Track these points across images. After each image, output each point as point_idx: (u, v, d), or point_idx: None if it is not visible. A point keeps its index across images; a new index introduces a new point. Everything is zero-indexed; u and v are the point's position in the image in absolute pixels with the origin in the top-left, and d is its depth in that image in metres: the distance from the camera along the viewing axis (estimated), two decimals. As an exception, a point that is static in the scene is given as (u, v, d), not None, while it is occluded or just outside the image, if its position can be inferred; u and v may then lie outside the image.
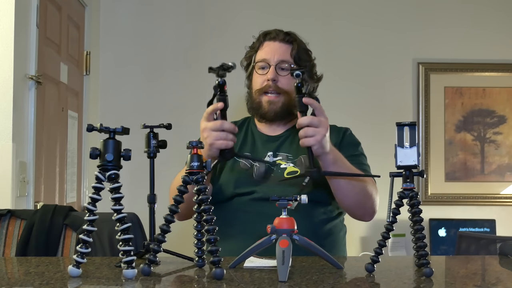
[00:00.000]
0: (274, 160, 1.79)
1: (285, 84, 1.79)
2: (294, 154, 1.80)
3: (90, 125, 1.16)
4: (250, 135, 1.90)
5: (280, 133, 1.87)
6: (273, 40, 1.83)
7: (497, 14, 3.57)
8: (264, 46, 1.84)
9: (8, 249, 1.79)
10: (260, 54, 1.83)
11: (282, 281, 1.09)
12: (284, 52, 1.81)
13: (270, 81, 1.78)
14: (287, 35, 1.84)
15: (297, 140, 1.80)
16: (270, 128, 1.88)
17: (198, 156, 1.20)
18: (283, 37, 1.83)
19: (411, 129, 1.19)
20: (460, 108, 3.54)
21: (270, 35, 1.84)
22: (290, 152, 1.80)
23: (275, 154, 1.81)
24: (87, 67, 3.23)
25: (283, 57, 1.80)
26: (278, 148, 1.82)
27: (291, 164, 1.77)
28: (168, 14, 3.49)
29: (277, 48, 1.81)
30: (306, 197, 1.22)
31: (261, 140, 1.87)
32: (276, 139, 1.85)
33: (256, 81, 1.83)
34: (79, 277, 1.14)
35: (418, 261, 1.19)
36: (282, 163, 1.78)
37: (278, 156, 1.80)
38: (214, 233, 1.14)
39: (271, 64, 1.79)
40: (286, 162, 1.78)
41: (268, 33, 1.86)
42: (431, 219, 3.40)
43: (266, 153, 1.81)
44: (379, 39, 3.53)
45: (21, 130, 2.31)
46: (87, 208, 1.15)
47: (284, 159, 1.79)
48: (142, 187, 1.80)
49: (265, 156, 1.80)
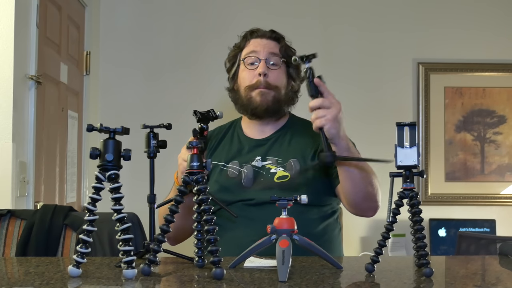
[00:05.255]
0: (263, 164, 1.74)
1: (276, 79, 1.76)
2: (284, 158, 1.75)
3: (90, 125, 1.16)
4: (237, 139, 1.84)
5: (269, 136, 1.81)
6: (260, 38, 1.80)
7: (497, 14, 3.57)
8: (251, 43, 1.80)
9: (8, 249, 1.79)
10: (248, 49, 1.80)
11: (282, 281, 1.09)
12: (272, 47, 1.78)
13: (262, 75, 1.74)
14: (273, 32, 1.82)
15: (286, 142, 1.79)
16: (258, 129, 1.82)
17: (198, 156, 1.20)
18: (270, 34, 1.81)
19: (411, 129, 1.19)
20: (460, 108, 3.54)
21: (257, 32, 1.82)
22: (279, 156, 1.75)
23: (264, 158, 1.76)
24: (87, 67, 3.23)
25: (272, 50, 1.77)
26: (267, 152, 1.77)
27: (281, 169, 1.72)
28: (168, 14, 3.49)
29: (265, 43, 1.79)
30: (306, 197, 1.21)
31: (249, 145, 1.81)
32: (264, 142, 1.80)
33: (245, 78, 1.78)
34: (79, 277, 1.14)
35: (418, 261, 1.19)
36: (272, 168, 1.73)
37: (267, 160, 1.75)
38: (214, 233, 1.14)
39: (260, 58, 1.76)
40: (276, 167, 1.73)
41: (255, 31, 1.83)
42: (431, 219, 3.40)
43: (254, 158, 1.76)
44: (379, 39, 3.53)
45: (21, 130, 2.31)
46: (87, 208, 1.15)
47: (274, 163, 1.74)
48: (142, 187, 1.80)
49: (253, 161, 1.75)
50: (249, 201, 1.69)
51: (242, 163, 1.76)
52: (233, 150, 1.81)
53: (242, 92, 1.79)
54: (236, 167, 1.75)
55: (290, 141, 1.79)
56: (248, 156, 1.78)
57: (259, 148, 1.79)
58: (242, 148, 1.81)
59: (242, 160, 1.77)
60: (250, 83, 1.76)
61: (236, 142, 1.83)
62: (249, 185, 1.72)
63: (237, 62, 1.82)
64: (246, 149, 1.80)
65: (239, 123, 1.89)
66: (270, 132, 1.82)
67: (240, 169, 1.74)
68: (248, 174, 1.73)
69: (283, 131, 1.83)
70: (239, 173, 1.74)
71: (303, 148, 1.76)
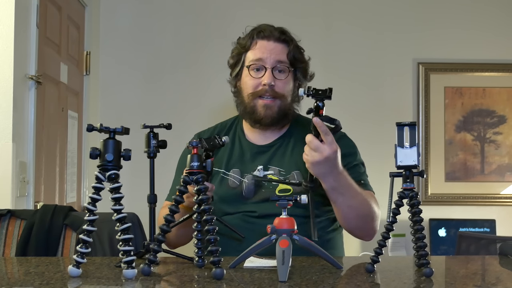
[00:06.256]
0: (265, 174, 1.69)
1: (281, 88, 1.69)
2: (287, 169, 1.70)
3: (90, 125, 1.16)
4: (238, 145, 1.78)
5: (272, 142, 1.76)
6: (267, 39, 1.70)
7: (497, 15, 3.57)
8: (257, 46, 1.70)
9: (8, 249, 1.79)
10: (254, 54, 1.70)
11: (282, 281, 1.09)
12: (280, 53, 1.69)
13: (267, 85, 1.67)
14: (281, 33, 1.71)
15: (289, 151, 1.73)
16: (261, 135, 1.77)
17: (198, 156, 1.20)
18: (278, 36, 1.70)
19: (411, 129, 1.19)
20: (460, 108, 3.54)
21: (264, 33, 1.71)
22: (282, 166, 1.70)
23: (266, 168, 1.71)
24: (87, 67, 3.23)
25: (279, 57, 1.68)
26: (269, 160, 1.72)
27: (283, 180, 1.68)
28: (168, 14, 3.49)
29: (272, 48, 1.69)
30: (306, 197, 1.22)
31: (251, 152, 1.75)
32: (267, 149, 1.74)
33: (249, 84, 1.71)
34: (79, 277, 1.14)
35: (418, 261, 1.19)
36: (273, 178, 1.68)
37: (269, 169, 1.70)
38: (214, 233, 1.14)
39: (266, 66, 1.68)
40: (278, 178, 1.68)
41: (261, 30, 1.71)
42: (431, 219, 3.39)
43: (256, 166, 1.71)
44: (379, 39, 3.53)
45: (21, 130, 2.31)
46: (87, 208, 1.15)
47: (276, 174, 1.69)
48: (142, 187, 1.80)
49: (255, 170, 1.70)
50: (250, 213, 1.66)
51: (244, 172, 1.71)
52: (235, 157, 1.76)
53: (246, 97, 1.73)
54: (237, 177, 1.71)
55: (293, 149, 1.73)
56: (250, 165, 1.73)
57: (261, 156, 1.74)
58: (244, 155, 1.75)
59: (243, 168, 1.72)
60: (254, 90, 1.70)
61: (238, 147, 1.78)
62: (250, 197, 1.68)
63: (241, 62, 1.74)
64: (248, 156, 1.75)
65: (241, 123, 1.83)
66: (273, 138, 1.77)
67: (241, 179, 1.70)
68: (249, 185, 1.68)
69: (286, 137, 1.77)
70: (240, 184, 1.70)
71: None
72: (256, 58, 1.70)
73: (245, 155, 1.75)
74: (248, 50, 1.73)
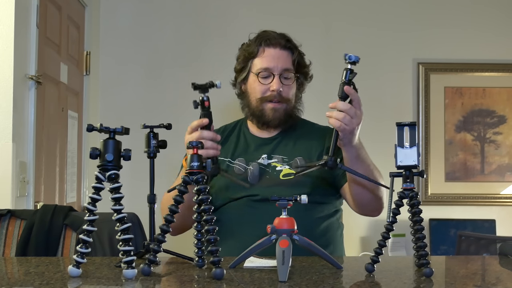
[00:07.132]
0: (269, 162, 1.78)
1: (287, 93, 1.79)
2: (289, 156, 1.78)
3: (90, 125, 1.16)
4: (243, 138, 1.87)
5: (275, 135, 1.85)
6: (273, 47, 1.78)
7: (497, 15, 3.57)
8: (264, 54, 1.78)
9: (8, 249, 1.79)
10: (261, 62, 1.78)
11: (282, 281, 1.09)
12: (286, 60, 1.78)
13: (276, 91, 1.76)
14: (287, 41, 1.80)
15: (292, 142, 1.83)
16: (265, 131, 1.85)
17: (198, 156, 1.20)
18: (284, 44, 1.79)
19: (411, 129, 1.19)
20: (460, 108, 3.54)
21: (270, 41, 1.79)
22: (285, 154, 1.79)
23: (270, 157, 1.80)
24: (87, 67, 3.23)
25: (286, 65, 1.78)
26: (273, 150, 1.81)
27: (287, 166, 1.76)
28: (168, 13, 3.49)
29: (278, 56, 1.78)
30: (306, 197, 1.22)
31: (255, 143, 1.84)
32: (270, 141, 1.83)
33: (257, 89, 1.79)
34: (79, 277, 1.14)
35: (418, 261, 1.19)
36: (277, 165, 1.77)
37: (273, 158, 1.79)
38: (214, 233, 1.14)
39: (274, 73, 1.77)
40: (281, 165, 1.77)
41: (267, 38, 1.79)
42: (431, 219, 3.39)
43: (260, 155, 1.80)
44: (379, 39, 3.53)
45: (21, 130, 2.31)
46: (87, 208, 1.15)
47: (280, 161, 1.78)
48: (142, 187, 1.80)
49: (259, 159, 1.79)
50: (254, 197, 1.72)
51: (248, 160, 1.79)
52: (240, 148, 1.84)
53: (253, 102, 1.81)
54: (243, 164, 1.79)
55: (296, 141, 1.83)
56: (254, 154, 1.81)
57: (265, 147, 1.82)
58: (248, 146, 1.84)
59: (248, 157, 1.80)
60: (262, 96, 1.78)
61: (243, 140, 1.87)
62: (255, 182, 1.75)
63: (248, 69, 1.81)
64: (253, 147, 1.84)
65: (245, 123, 1.91)
66: (276, 132, 1.85)
67: (246, 167, 1.78)
68: (254, 171, 1.76)
69: (289, 130, 1.85)
70: (245, 170, 1.78)
71: (308, 148, 1.80)
72: (264, 67, 1.78)
73: (250, 146, 1.85)
74: (255, 57, 1.80)
